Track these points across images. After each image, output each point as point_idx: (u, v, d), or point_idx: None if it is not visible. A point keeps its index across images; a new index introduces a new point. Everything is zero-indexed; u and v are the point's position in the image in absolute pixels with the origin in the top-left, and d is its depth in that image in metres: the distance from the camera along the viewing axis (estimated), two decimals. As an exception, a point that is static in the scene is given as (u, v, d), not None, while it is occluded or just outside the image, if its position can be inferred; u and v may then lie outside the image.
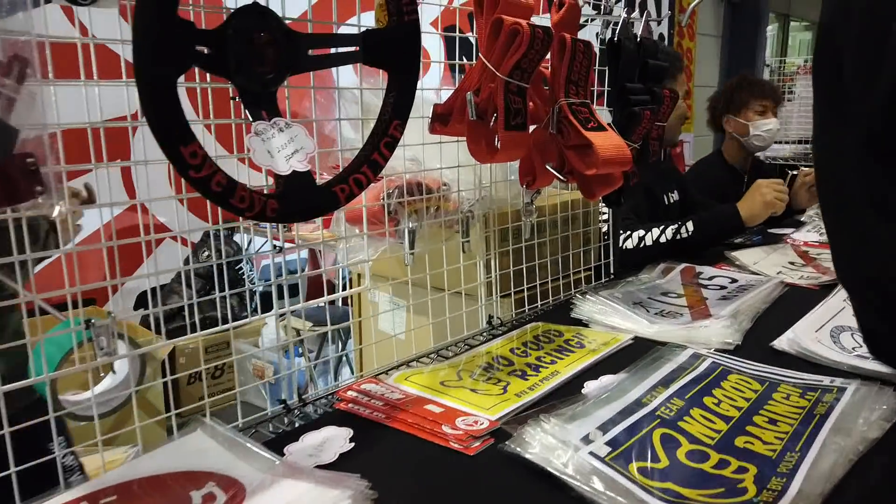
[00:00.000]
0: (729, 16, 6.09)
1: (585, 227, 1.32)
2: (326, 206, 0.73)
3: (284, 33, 0.70)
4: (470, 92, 0.88)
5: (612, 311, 1.06)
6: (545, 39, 0.86)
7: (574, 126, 0.94)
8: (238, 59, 0.67)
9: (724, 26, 6.02)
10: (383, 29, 0.76)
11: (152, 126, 0.57)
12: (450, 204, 1.03)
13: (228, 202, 0.64)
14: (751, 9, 6.23)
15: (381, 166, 0.78)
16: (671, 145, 2.01)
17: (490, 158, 0.90)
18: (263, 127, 0.70)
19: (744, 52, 6.18)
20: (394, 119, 0.78)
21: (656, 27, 4.42)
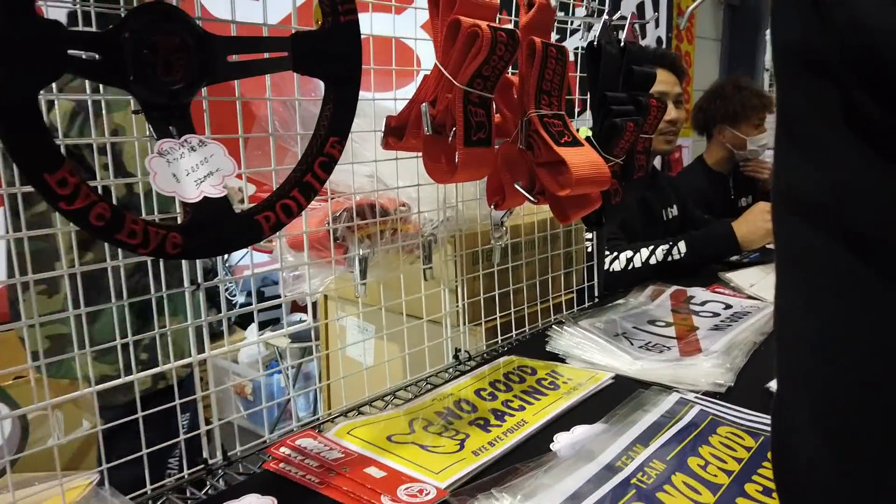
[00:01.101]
0: (728, 19, 6.01)
1: (567, 248, 1.22)
2: (246, 238, 0.63)
3: (196, 36, 0.60)
4: (425, 103, 0.78)
5: (591, 344, 0.96)
6: (510, 44, 0.75)
7: (545, 141, 0.83)
8: (137, 66, 0.57)
9: (723, 29, 5.94)
10: (315, 31, 0.65)
11: (8, 149, 0.47)
12: (410, 226, 0.92)
13: (114, 238, 0.53)
14: (750, 12, 6.15)
15: (316, 190, 0.67)
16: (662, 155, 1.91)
17: (449, 178, 0.80)
18: (170, 146, 0.60)
19: (743, 56, 6.09)
20: (330, 136, 0.68)
21: (654, 30, 4.32)
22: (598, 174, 0.83)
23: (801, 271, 0.32)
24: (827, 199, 0.30)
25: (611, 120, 0.97)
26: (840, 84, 0.28)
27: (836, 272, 0.30)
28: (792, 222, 0.32)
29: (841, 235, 0.29)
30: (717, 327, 1.05)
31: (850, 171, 0.29)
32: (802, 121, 0.31)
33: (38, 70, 0.47)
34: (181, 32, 0.59)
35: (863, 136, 0.27)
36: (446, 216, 0.96)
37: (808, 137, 0.30)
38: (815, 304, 0.31)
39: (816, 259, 0.31)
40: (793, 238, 0.32)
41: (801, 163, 0.31)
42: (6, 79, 0.46)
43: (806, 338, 0.32)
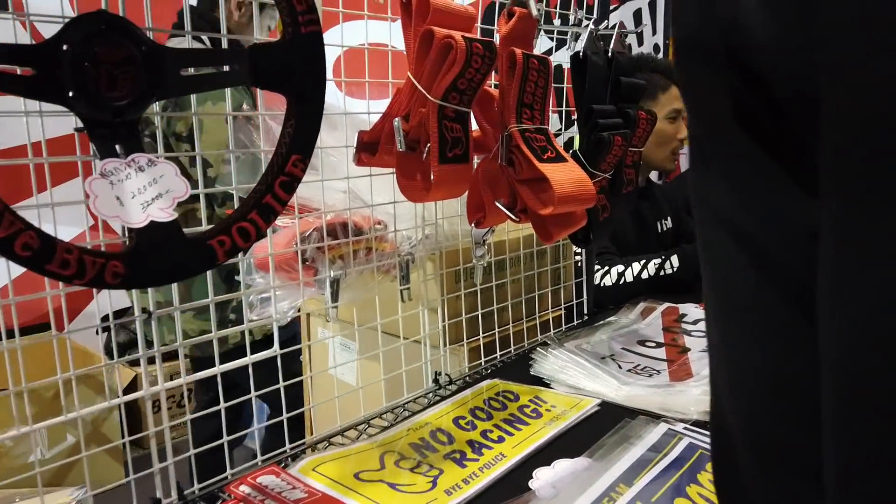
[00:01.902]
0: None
1: (555, 264, 1.18)
2: (197, 265, 0.58)
3: (144, 48, 0.56)
4: (398, 118, 0.73)
5: (577, 368, 0.91)
6: (486, 56, 0.71)
7: (526, 157, 0.79)
8: (77, 81, 0.52)
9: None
10: (275, 43, 0.61)
11: (-82, 175, 0.43)
12: (386, 245, 0.88)
13: (44, 268, 0.49)
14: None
15: (277, 212, 0.63)
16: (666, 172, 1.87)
17: (424, 197, 0.76)
18: (114, 166, 0.56)
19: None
20: (293, 153, 0.63)
21: (651, 37, 4.29)
22: (582, 191, 0.79)
23: (714, 283, 0.31)
24: (729, 209, 0.28)
25: (597, 134, 0.93)
26: (728, 80, 0.26)
27: (744, 290, 0.29)
28: (705, 226, 0.31)
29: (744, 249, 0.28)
30: (710, 349, 1.01)
31: (741, 178, 0.27)
32: (701, 119, 0.29)
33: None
34: (127, 44, 0.55)
35: (754, 137, 0.26)
36: (425, 234, 0.92)
37: (707, 137, 0.29)
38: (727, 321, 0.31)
39: (727, 272, 0.30)
40: (704, 240, 0.31)
41: (696, 160, 0.30)
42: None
43: (723, 354, 0.31)
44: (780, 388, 0.28)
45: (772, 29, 0.24)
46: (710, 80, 0.28)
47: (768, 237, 0.27)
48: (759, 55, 0.24)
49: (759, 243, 0.27)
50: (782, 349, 0.28)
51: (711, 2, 0.26)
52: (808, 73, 0.22)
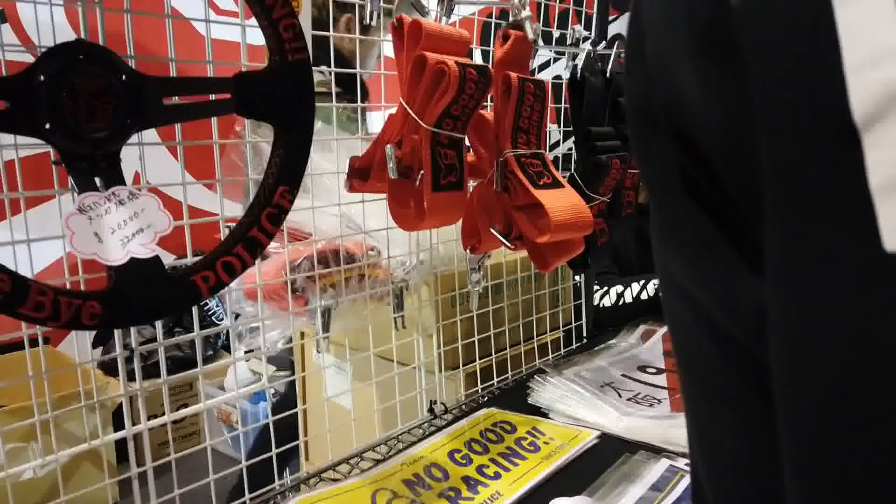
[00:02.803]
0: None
1: (553, 287, 1.15)
2: (179, 302, 0.56)
3: (124, 77, 0.54)
4: (390, 145, 0.71)
5: (575, 397, 0.89)
6: (480, 81, 0.69)
7: (522, 183, 0.77)
8: (53, 113, 0.51)
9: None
10: (261, 72, 0.59)
11: None
12: (379, 271, 0.86)
13: (17, 311, 0.47)
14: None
15: (263, 245, 0.61)
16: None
17: (417, 225, 0.74)
18: (93, 200, 0.54)
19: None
20: (280, 184, 0.61)
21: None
22: (579, 219, 0.77)
23: (678, 353, 0.30)
24: (685, 281, 0.27)
25: (595, 156, 0.91)
26: (675, 152, 0.25)
27: (704, 364, 0.28)
28: (667, 296, 0.30)
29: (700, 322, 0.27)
30: (712, 375, 0.98)
31: (692, 250, 0.27)
32: (660, 197, 0.28)
33: (-83, 127, 0.41)
34: (106, 74, 0.53)
35: (703, 209, 0.25)
36: (420, 260, 0.89)
37: (658, 207, 0.29)
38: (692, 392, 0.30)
39: (689, 343, 0.29)
40: (667, 309, 0.30)
41: (664, 243, 0.29)
42: None
43: (692, 424, 0.30)
44: (745, 470, 0.27)
45: (712, 112, 0.23)
46: (658, 150, 0.27)
47: (721, 312, 0.26)
48: (701, 134, 0.24)
49: (713, 317, 0.27)
50: (744, 428, 0.27)
51: (653, 77, 0.26)
52: (748, 157, 0.21)
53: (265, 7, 0.56)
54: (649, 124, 0.26)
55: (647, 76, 0.25)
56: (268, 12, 0.56)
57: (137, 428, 0.66)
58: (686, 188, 0.25)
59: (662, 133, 0.25)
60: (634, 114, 0.28)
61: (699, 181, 0.25)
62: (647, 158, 0.28)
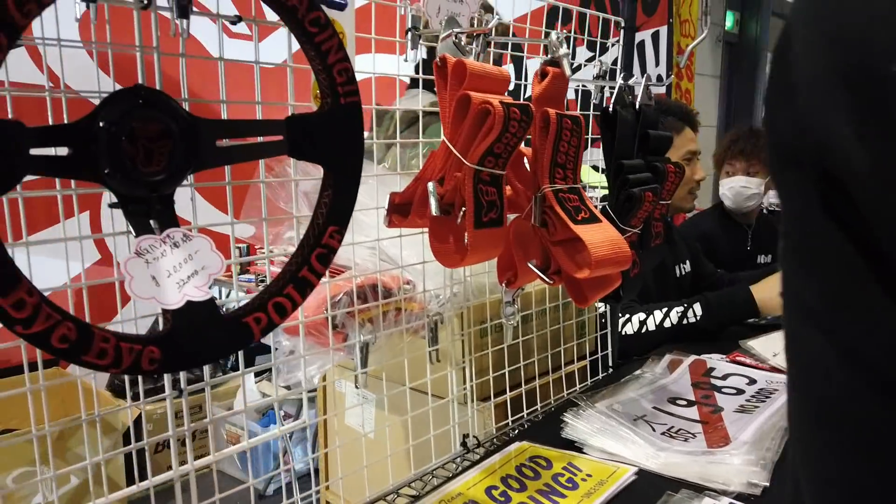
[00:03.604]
0: (727, 56, 6.05)
1: (580, 317, 1.15)
2: (233, 345, 0.56)
3: (181, 121, 0.54)
4: (432, 182, 0.72)
5: (610, 432, 0.89)
6: (523, 120, 0.70)
7: (561, 218, 0.77)
8: (113, 158, 0.51)
9: (722, 66, 5.98)
10: (313, 114, 0.60)
11: (-45, 270, 0.41)
12: (414, 304, 0.86)
13: (81, 359, 0.47)
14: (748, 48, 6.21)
15: (313, 285, 0.61)
16: (686, 212, 1.86)
17: (458, 262, 0.74)
18: (150, 243, 0.54)
19: (743, 92, 6.14)
20: (330, 224, 0.62)
21: (654, 68, 4.32)
22: (618, 254, 0.77)
23: (799, 384, 0.30)
24: (828, 314, 0.27)
25: (628, 190, 0.91)
26: (818, 184, 0.26)
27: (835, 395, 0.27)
28: (793, 321, 0.30)
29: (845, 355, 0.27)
30: (743, 408, 0.98)
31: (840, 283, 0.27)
32: (796, 222, 0.29)
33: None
34: (163, 118, 0.54)
35: (844, 234, 0.26)
36: (453, 292, 0.89)
37: (802, 241, 0.29)
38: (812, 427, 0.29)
39: (816, 373, 0.28)
40: (801, 348, 0.30)
41: (798, 268, 0.29)
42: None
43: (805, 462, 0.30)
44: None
45: (867, 162, 0.24)
46: (801, 185, 0.28)
47: (861, 338, 0.26)
48: (850, 179, 0.25)
49: (852, 345, 0.26)
50: (880, 464, 0.26)
51: (804, 123, 0.26)
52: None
53: (321, 52, 0.56)
54: (793, 161, 0.27)
55: (797, 121, 0.27)
56: (323, 57, 0.57)
57: (185, 468, 0.65)
58: (828, 219, 0.26)
59: (808, 171, 0.26)
60: (778, 149, 0.29)
61: (843, 214, 0.25)
62: (787, 190, 0.29)
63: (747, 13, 6.13)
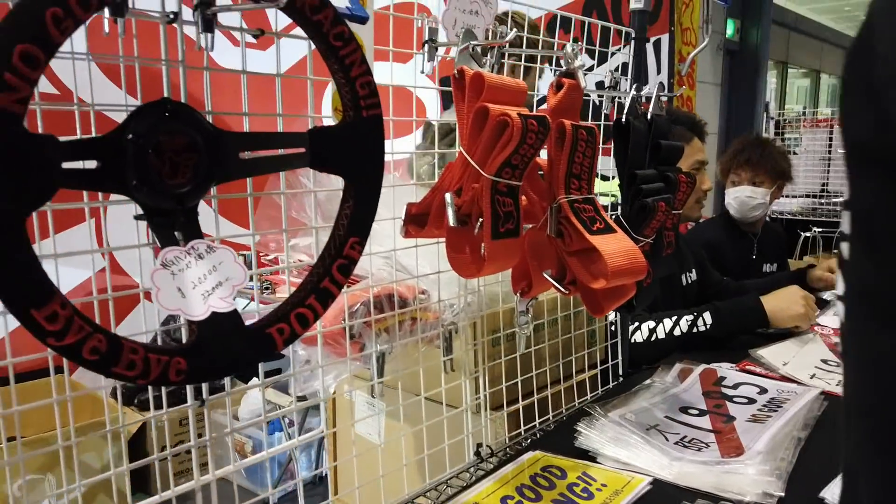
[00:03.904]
0: (727, 63, 6.07)
1: (591, 326, 1.16)
2: (256, 356, 0.57)
3: (206, 134, 0.55)
4: (450, 192, 0.72)
5: (623, 439, 0.89)
6: (540, 132, 0.70)
7: (576, 228, 0.78)
8: (140, 171, 0.51)
9: (723, 74, 6.01)
10: (336, 127, 0.61)
11: (-9, 282, 0.41)
12: (429, 314, 0.86)
13: (111, 371, 0.47)
14: (749, 56, 6.24)
15: (334, 296, 0.62)
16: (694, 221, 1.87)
17: (476, 272, 0.74)
18: (175, 255, 0.54)
19: (743, 99, 6.16)
20: (351, 236, 0.62)
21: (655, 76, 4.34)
22: (634, 264, 0.78)
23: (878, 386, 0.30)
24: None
25: (641, 200, 0.92)
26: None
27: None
28: (871, 327, 0.30)
29: None
30: (756, 418, 0.98)
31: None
32: (874, 221, 0.29)
33: (25, 191, 0.42)
34: (189, 131, 0.54)
35: None
36: (467, 301, 0.90)
37: (880, 238, 0.29)
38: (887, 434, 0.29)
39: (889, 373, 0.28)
40: (869, 344, 0.30)
41: (870, 262, 0.29)
42: (-9, 205, 0.40)
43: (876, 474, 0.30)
44: None
45: None
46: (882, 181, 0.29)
47: None
48: None
49: None
50: None
51: (889, 121, 0.27)
52: None
53: (345, 66, 0.57)
54: (875, 159, 0.28)
55: (880, 120, 0.28)
56: (346, 70, 0.57)
57: (206, 479, 0.65)
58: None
59: (891, 167, 0.27)
60: (856, 147, 0.30)
61: None
62: (864, 187, 0.30)
63: (748, 21, 6.16)
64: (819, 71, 11.10)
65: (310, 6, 0.53)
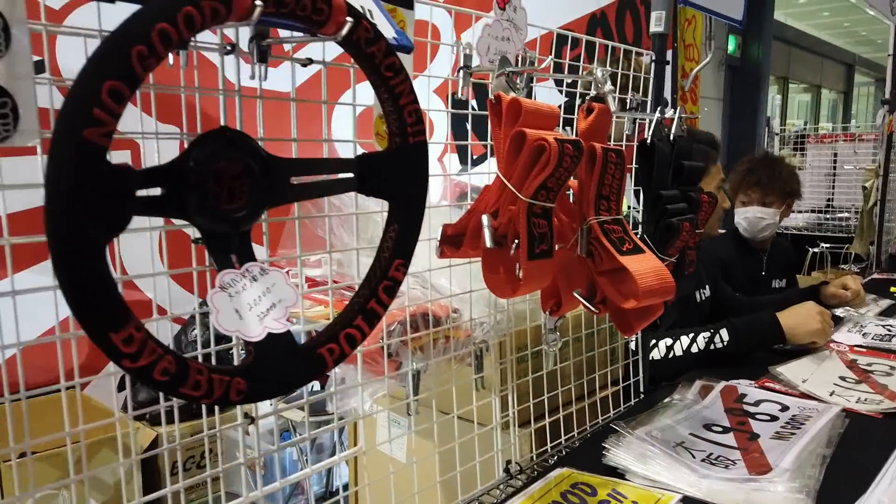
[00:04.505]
0: (730, 79, 6.13)
1: (613, 343, 1.17)
2: (309, 375, 0.58)
3: (260, 160, 0.57)
4: (486, 214, 0.74)
5: (651, 456, 0.90)
6: (575, 156, 0.72)
7: (607, 249, 0.80)
8: (200, 197, 0.53)
9: (724, 89, 6.06)
10: (383, 153, 0.63)
11: (71, 306, 0.43)
12: (460, 332, 0.88)
13: (178, 391, 0.49)
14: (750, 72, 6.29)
15: (379, 316, 0.63)
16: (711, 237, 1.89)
17: (511, 292, 0.76)
18: (232, 278, 0.56)
19: (745, 114, 6.21)
20: (396, 258, 0.64)
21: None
22: (664, 284, 0.80)
23: None
24: None
25: (666, 220, 0.94)
26: None
27: None
28: None
29: None
30: (780, 435, 0.99)
31: None
32: None
33: (108, 221, 0.44)
34: (245, 158, 0.56)
35: None
36: (497, 320, 0.91)
37: None
38: None
39: None
40: None
41: None
42: (71, 231, 0.42)
43: None
44: None
45: None
46: None
47: None
48: None
49: None
50: None
51: None
52: None
53: (394, 95, 0.59)
54: None
55: None
56: (395, 99, 0.60)
57: (255, 495, 0.67)
58: None
59: None
60: None
61: None
62: None
63: (749, 37, 6.22)
64: (819, 86, 11.18)
65: (365, 39, 0.55)
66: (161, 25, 0.42)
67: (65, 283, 0.42)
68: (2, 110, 0.45)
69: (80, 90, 0.40)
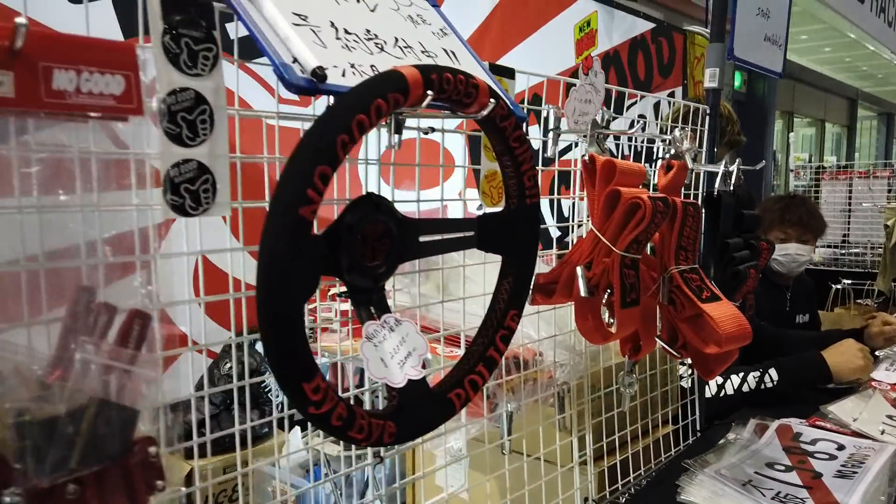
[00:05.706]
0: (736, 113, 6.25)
1: (664, 386, 1.21)
2: (442, 418, 0.63)
3: (397, 222, 0.62)
4: (580, 266, 0.80)
5: (725, 496, 0.94)
6: (665, 212, 0.78)
7: (688, 297, 0.85)
8: (351, 256, 0.59)
9: (732, 123, 6.13)
10: (502, 213, 0.68)
11: (272, 363, 0.48)
12: (544, 374, 0.93)
13: (346, 434, 0.54)
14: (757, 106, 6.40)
15: (497, 362, 0.68)
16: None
17: (603, 339, 0.81)
18: (374, 329, 0.61)
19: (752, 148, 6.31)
20: (510, 308, 0.69)
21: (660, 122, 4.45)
22: (742, 330, 0.85)
23: None
24: None
25: (734, 268, 0.99)
26: None
27: None
28: None
29: None
30: (842, 473, 1.03)
31: None
32: None
33: (308, 287, 0.49)
34: (386, 220, 0.62)
35: None
36: (575, 360, 0.96)
37: None
38: None
39: None
40: None
41: None
42: (283, 294, 0.48)
43: None
44: None
45: None
46: None
47: None
48: None
49: None
50: None
51: None
52: None
53: (517, 161, 0.65)
54: None
55: None
56: (518, 165, 0.66)
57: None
58: None
59: None
60: None
61: None
62: None
63: (754, 73, 6.35)
64: (824, 120, 11.34)
65: (500, 116, 0.61)
66: (360, 117, 0.48)
67: (270, 339, 0.47)
68: (204, 185, 0.50)
69: (296, 173, 0.46)
